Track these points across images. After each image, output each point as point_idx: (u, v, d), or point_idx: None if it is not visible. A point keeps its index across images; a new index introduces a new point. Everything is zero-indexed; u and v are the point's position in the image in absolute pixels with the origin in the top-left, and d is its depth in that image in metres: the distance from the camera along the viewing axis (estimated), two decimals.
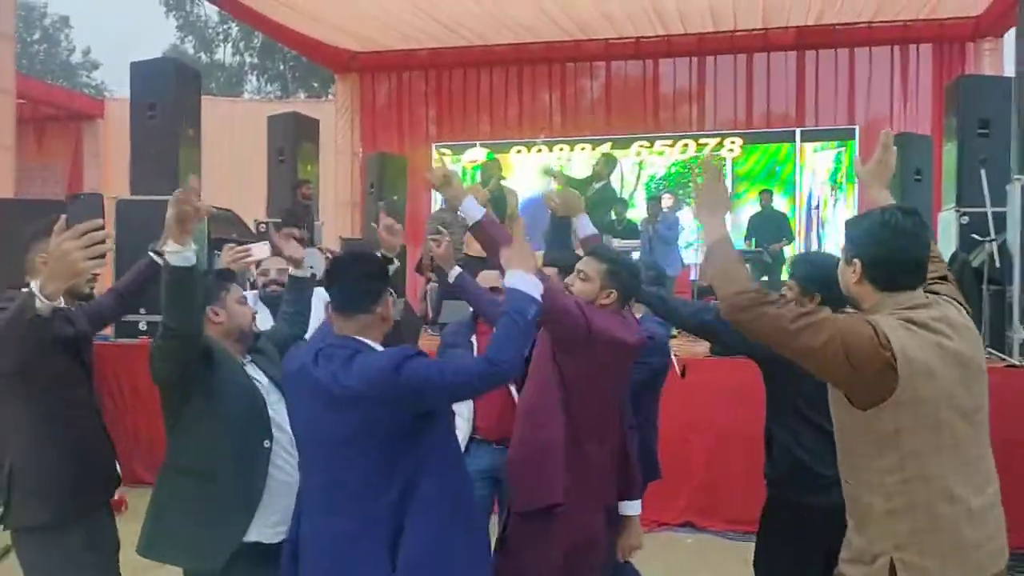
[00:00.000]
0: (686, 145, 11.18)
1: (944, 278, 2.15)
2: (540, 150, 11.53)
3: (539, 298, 2.10)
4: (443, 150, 12.00)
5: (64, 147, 12.46)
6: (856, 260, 1.97)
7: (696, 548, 4.91)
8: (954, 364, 1.88)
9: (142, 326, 6.50)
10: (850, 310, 2.11)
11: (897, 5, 9.77)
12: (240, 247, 3.39)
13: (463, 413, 3.37)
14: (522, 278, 2.10)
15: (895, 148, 2.29)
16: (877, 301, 1.96)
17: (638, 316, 3.11)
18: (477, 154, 11.52)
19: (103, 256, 2.00)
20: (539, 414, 2.62)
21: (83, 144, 12.50)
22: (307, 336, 2.89)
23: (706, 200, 2.20)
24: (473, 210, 2.52)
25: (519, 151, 11.53)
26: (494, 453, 3.36)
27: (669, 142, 11.23)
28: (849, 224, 2.13)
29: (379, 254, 2.53)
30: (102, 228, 1.94)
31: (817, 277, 2.56)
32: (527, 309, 2.06)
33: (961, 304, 2.05)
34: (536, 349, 2.68)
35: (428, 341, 6.30)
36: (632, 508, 2.82)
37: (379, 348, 2.14)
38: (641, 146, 11.33)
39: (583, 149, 11.29)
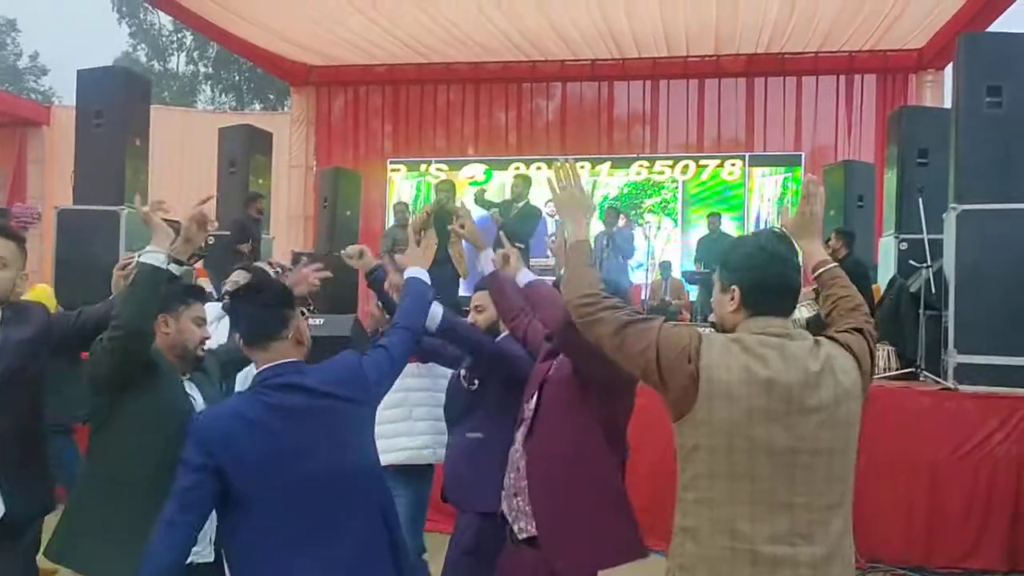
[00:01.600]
0: (641, 167, 11.32)
1: (859, 331, 1.97)
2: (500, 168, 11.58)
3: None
4: (396, 165, 11.99)
5: (7, 154, 12.12)
6: (734, 287, 1.89)
7: (638, 568, 4.92)
8: (764, 393, 1.75)
9: None
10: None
11: (843, 36, 10.07)
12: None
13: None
14: (417, 271, 2.62)
15: (821, 194, 2.16)
16: (742, 325, 1.89)
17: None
18: (475, 170, 11.50)
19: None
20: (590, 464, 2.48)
21: (27, 151, 12.17)
22: None
23: (567, 202, 2.24)
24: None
25: (517, 167, 11.52)
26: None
27: (622, 163, 11.36)
28: (724, 252, 2.01)
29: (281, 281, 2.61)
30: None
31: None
32: (425, 290, 2.57)
33: (853, 353, 1.88)
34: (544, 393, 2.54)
35: None
36: None
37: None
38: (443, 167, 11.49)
39: (538, 168, 11.35)
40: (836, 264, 2.19)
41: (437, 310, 2.82)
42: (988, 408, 4.91)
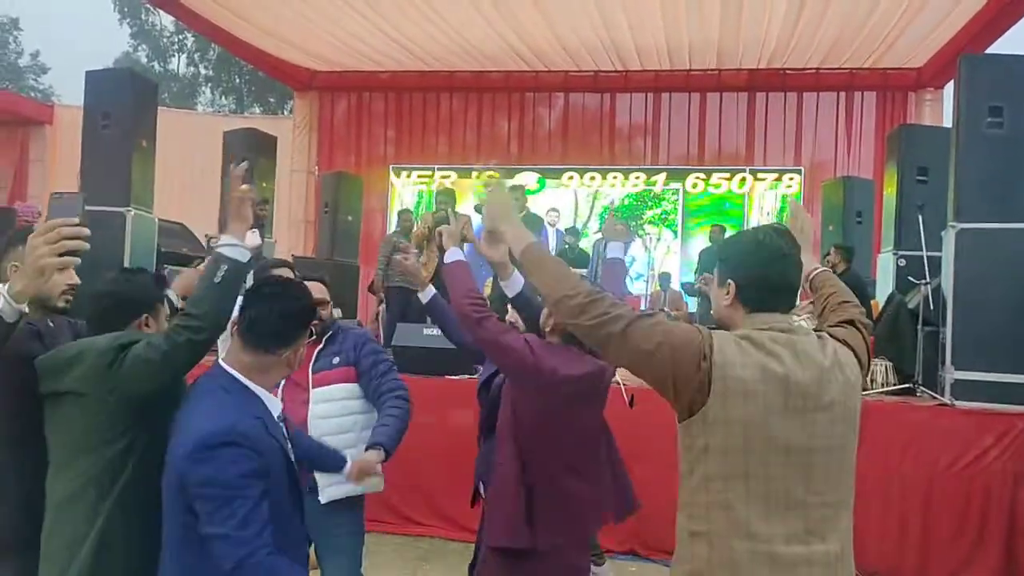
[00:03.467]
0: (640, 178, 11.39)
1: (851, 322, 2.04)
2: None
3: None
4: (399, 171, 12.04)
5: (9, 153, 12.13)
6: (730, 282, 1.88)
7: (639, 575, 4.97)
8: (780, 391, 1.74)
9: None
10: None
11: (844, 54, 10.17)
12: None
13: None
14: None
15: (808, 216, 2.29)
16: (742, 322, 1.87)
17: None
18: (528, 179, 11.53)
19: (77, 255, 1.79)
20: (499, 451, 2.64)
21: (29, 150, 12.19)
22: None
23: (495, 211, 2.23)
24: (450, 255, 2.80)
25: (571, 177, 11.57)
26: None
27: (623, 174, 11.43)
28: (722, 247, 2.04)
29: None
30: (78, 225, 1.77)
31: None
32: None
33: (849, 346, 1.92)
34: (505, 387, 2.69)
35: None
36: None
37: (250, 397, 1.98)
38: (593, 177, 11.52)
39: (570, 177, 11.48)
40: (827, 268, 2.26)
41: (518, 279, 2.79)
42: (984, 424, 4.97)
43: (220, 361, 2.05)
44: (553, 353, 2.54)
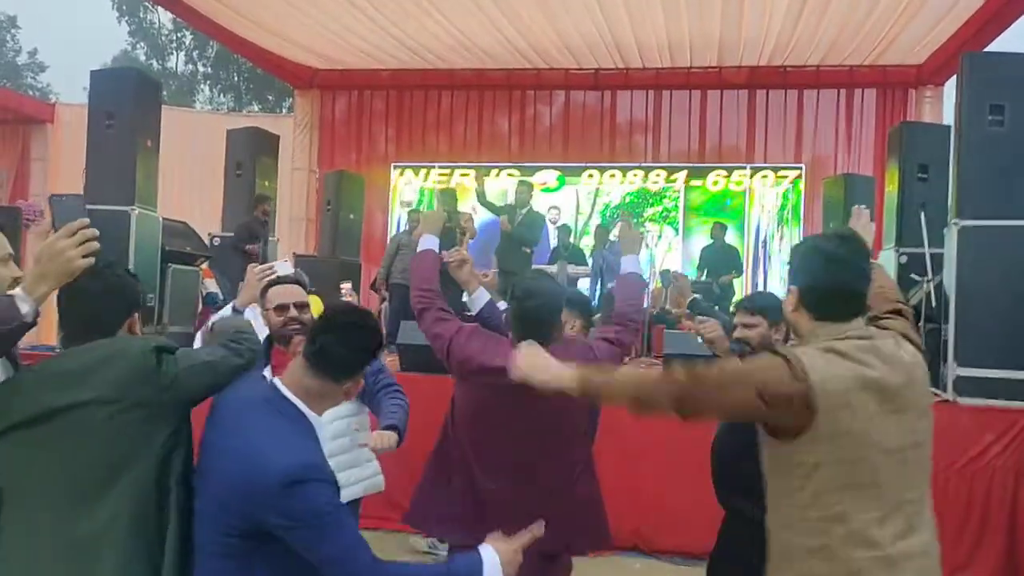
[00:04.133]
0: (639, 175, 11.41)
1: (899, 312, 2.11)
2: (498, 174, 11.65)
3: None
4: (400, 168, 12.05)
5: (10, 151, 12.14)
6: (793, 287, 1.92)
7: (643, 572, 5.00)
8: (876, 396, 1.77)
9: None
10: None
11: (844, 51, 10.18)
12: (264, 265, 3.15)
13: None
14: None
15: (869, 222, 2.44)
16: (811, 330, 1.89)
17: None
18: (547, 176, 11.52)
19: (95, 255, 1.84)
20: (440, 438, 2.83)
21: (30, 149, 12.19)
22: None
23: (530, 369, 2.10)
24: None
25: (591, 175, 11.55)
26: None
27: (623, 171, 11.45)
28: (792, 251, 2.09)
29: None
30: (90, 227, 1.82)
31: (779, 305, 2.47)
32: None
33: (910, 339, 1.97)
34: None
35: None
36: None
37: (306, 425, 1.95)
38: (514, 173, 11.53)
39: (591, 176, 11.48)
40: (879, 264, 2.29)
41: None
42: (985, 421, 5.00)
43: (274, 381, 2.01)
44: (486, 344, 2.65)
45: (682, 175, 11.28)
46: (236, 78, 28.68)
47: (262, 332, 2.80)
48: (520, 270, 7.36)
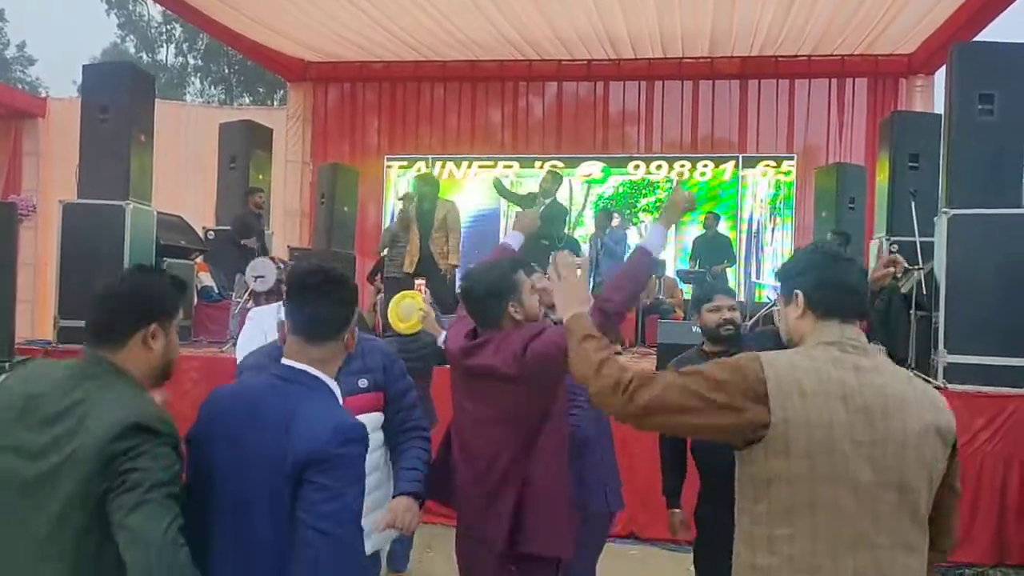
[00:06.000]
0: (635, 167, 11.43)
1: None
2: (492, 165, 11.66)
3: None
4: (392, 162, 12.05)
5: (2, 145, 12.08)
6: (798, 292, 1.86)
7: (640, 559, 5.06)
8: (847, 420, 1.66)
9: None
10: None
11: (835, 41, 10.22)
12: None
13: None
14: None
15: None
16: (811, 331, 1.82)
17: None
18: (592, 168, 11.52)
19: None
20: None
21: (22, 143, 12.14)
22: None
23: (563, 293, 2.12)
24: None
25: (637, 166, 11.51)
26: None
27: (617, 162, 11.48)
28: (781, 268, 2.05)
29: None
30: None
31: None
32: None
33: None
34: None
35: None
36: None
37: (332, 393, 1.93)
38: (558, 165, 11.55)
39: (532, 167, 11.48)
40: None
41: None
42: (975, 407, 5.07)
43: (286, 361, 1.93)
44: (454, 328, 2.74)
45: (674, 166, 11.30)
46: (227, 70, 28.54)
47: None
48: (538, 262, 7.29)
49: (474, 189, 11.65)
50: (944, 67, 6.02)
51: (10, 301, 6.01)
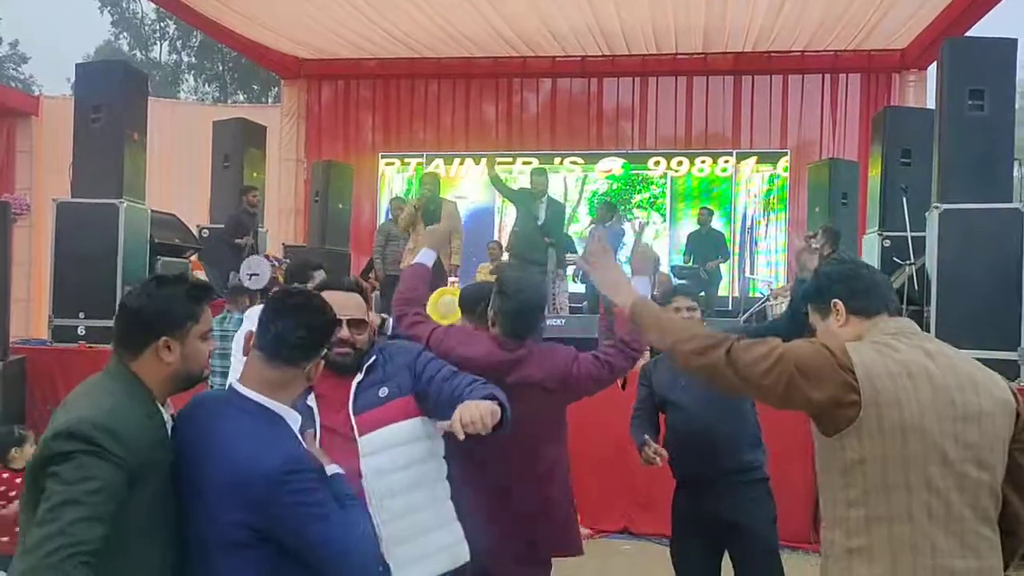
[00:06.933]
0: (656, 162, 11.41)
1: None
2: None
3: None
4: (388, 159, 12.05)
5: None
6: (836, 301, 1.91)
7: (633, 554, 5.08)
8: (931, 398, 1.72)
9: (80, 331, 6.40)
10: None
11: (828, 36, 10.24)
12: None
13: None
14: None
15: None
16: (865, 330, 1.86)
17: None
18: (612, 164, 11.49)
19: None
20: None
21: (15, 141, 12.11)
22: None
23: (606, 280, 2.23)
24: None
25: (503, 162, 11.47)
26: None
27: (612, 158, 11.48)
28: (801, 292, 2.10)
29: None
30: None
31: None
32: None
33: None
34: None
35: None
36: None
37: (278, 424, 1.85)
38: (578, 162, 11.57)
39: (526, 163, 11.48)
40: None
41: None
42: None
43: (234, 384, 1.89)
44: (461, 338, 2.72)
45: (668, 162, 11.31)
46: (221, 68, 28.44)
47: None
48: (540, 260, 7.35)
49: (468, 186, 11.66)
50: (936, 63, 6.05)
51: (4, 300, 6.02)
